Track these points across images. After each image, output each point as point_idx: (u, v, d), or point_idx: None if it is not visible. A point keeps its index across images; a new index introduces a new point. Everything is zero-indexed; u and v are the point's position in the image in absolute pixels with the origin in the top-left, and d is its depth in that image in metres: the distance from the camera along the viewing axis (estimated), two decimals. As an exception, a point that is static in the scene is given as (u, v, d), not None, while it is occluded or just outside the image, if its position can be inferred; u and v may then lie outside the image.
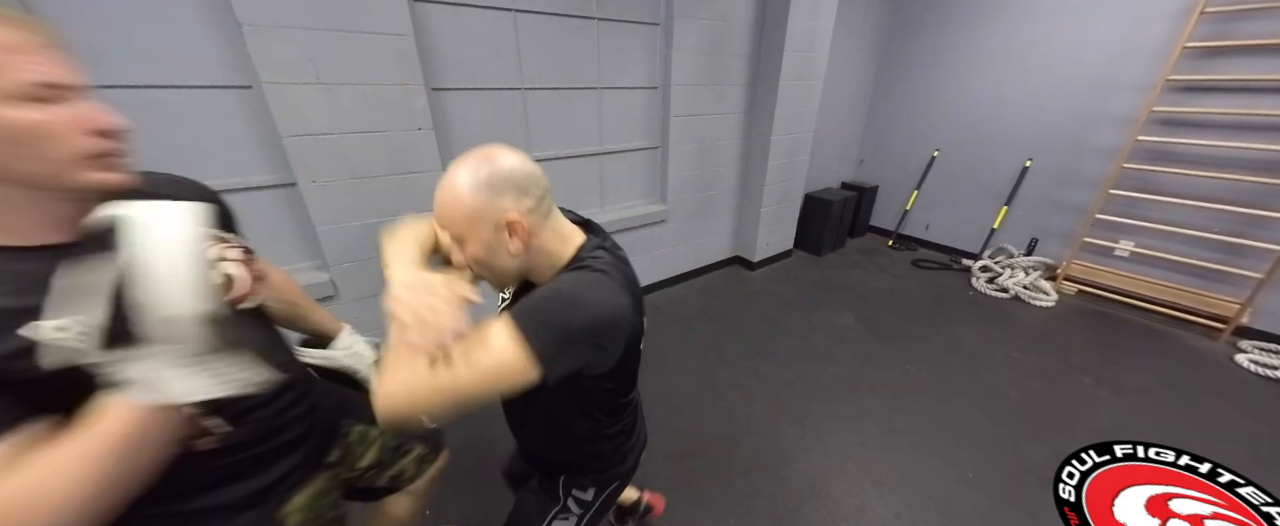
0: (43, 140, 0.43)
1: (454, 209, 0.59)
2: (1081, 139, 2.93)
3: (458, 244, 0.62)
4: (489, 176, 0.58)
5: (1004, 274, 3.13)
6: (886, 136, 3.97)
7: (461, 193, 0.58)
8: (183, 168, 1.55)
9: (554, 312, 0.56)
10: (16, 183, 0.44)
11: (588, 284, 0.59)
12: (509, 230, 0.60)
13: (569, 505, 0.86)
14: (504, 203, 0.58)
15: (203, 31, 1.40)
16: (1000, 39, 3.13)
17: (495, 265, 0.63)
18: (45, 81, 0.42)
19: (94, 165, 0.47)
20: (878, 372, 2.25)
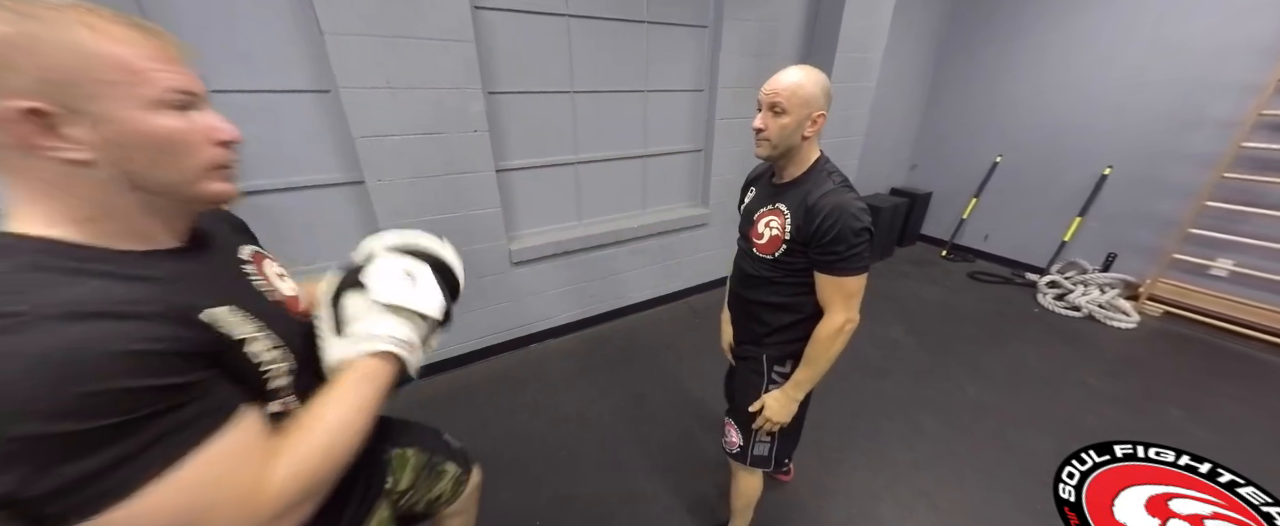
0: (181, 149, 0.43)
1: (797, 89, 0.87)
2: (1172, 145, 2.66)
3: (774, 112, 0.89)
4: (827, 85, 0.89)
5: (1076, 291, 2.88)
6: (942, 140, 3.76)
7: (806, 82, 0.87)
8: (270, 167, 1.69)
9: (858, 246, 0.88)
10: (147, 190, 0.43)
11: (851, 210, 0.87)
12: (814, 121, 0.89)
13: (774, 377, 1.10)
14: (823, 102, 0.89)
15: (290, 40, 1.52)
16: (1077, 35, 2.90)
17: (789, 135, 0.90)
18: (183, 90, 0.43)
19: (215, 175, 0.47)
20: (934, 390, 2.12)
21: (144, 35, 0.42)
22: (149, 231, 0.46)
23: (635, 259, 2.65)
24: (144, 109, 0.40)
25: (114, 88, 0.39)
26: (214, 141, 0.46)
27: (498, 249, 2.14)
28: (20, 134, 0.37)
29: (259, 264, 0.61)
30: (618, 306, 2.73)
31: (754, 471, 1.22)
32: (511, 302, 2.32)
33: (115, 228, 0.43)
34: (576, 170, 2.33)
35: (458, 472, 0.97)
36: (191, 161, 0.45)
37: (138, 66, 0.40)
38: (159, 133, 0.41)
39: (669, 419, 1.94)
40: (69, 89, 0.37)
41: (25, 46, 0.36)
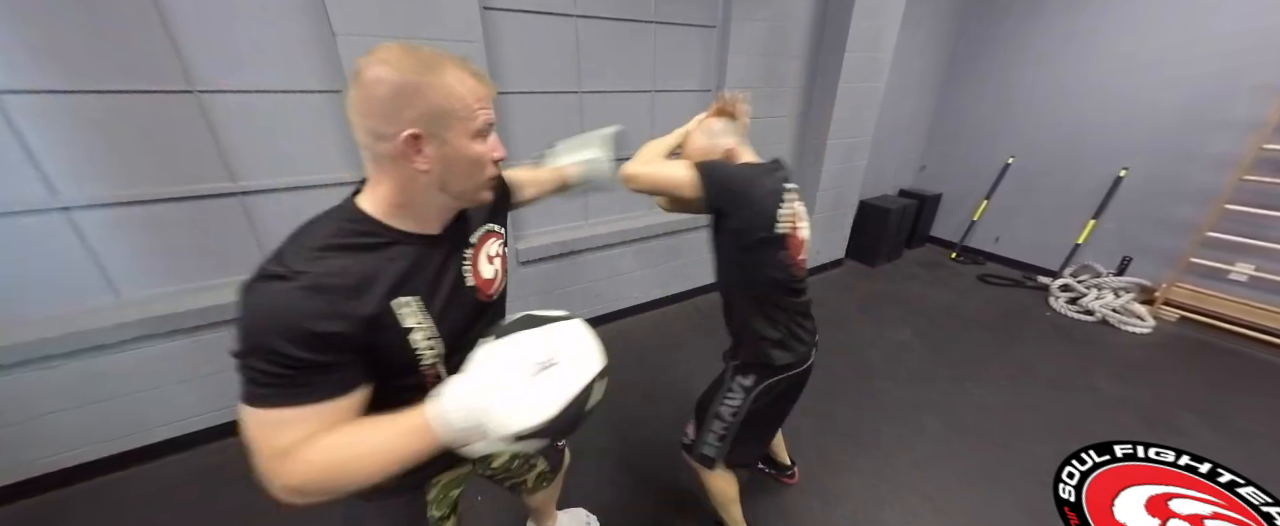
0: (480, 167, 0.58)
1: (698, 149, 1.03)
2: (1190, 146, 2.60)
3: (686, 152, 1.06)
4: (712, 126, 1.05)
5: (1089, 295, 2.84)
6: (953, 141, 3.72)
7: (699, 139, 1.04)
8: (280, 164, 1.71)
9: (712, 164, 0.96)
10: (452, 194, 0.59)
11: (740, 166, 0.98)
12: (727, 155, 1.01)
13: (734, 386, 1.10)
14: (721, 141, 1.02)
15: (303, 41, 1.55)
16: (1093, 33, 2.85)
17: None
18: (490, 123, 0.57)
19: (489, 185, 0.62)
20: (939, 393, 2.10)
21: (479, 82, 0.56)
22: (429, 221, 0.61)
23: (641, 259, 2.65)
24: (470, 137, 0.55)
25: (460, 121, 0.54)
26: (494, 159, 0.60)
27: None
28: (403, 149, 0.52)
29: (481, 246, 0.71)
30: (624, 307, 2.74)
31: (710, 471, 1.21)
32: (517, 303, 2.33)
33: (411, 215, 0.58)
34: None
35: (545, 469, 1.05)
36: (482, 175, 0.60)
37: (473, 106, 0.54)
38: (473, 154, 0.56)
39: (675, 420, 1.94)
40: (438, 120, 0.52)
41: (425, 90, 0.51)
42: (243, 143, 1.58)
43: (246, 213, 1.67)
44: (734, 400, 1.10)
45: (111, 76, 1.36)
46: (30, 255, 1.41)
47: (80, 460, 1.60)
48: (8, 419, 1.47)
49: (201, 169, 1.55)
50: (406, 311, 0.57)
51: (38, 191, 1.36)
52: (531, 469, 1.02)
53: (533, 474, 1.03)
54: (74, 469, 1.60)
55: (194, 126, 1.50)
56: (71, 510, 1.52)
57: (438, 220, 0.62)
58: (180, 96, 1.45)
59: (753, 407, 1.10)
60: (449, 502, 0.84)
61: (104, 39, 1.32)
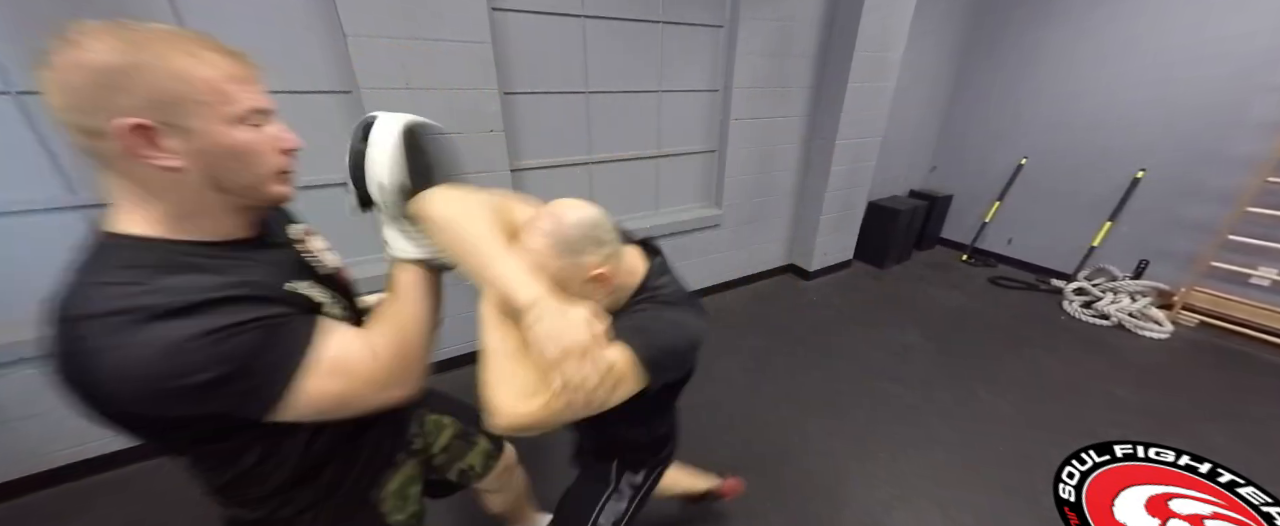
0: (254, 157, 0.51)
1: (546, 268, 0.61)
2: (1211, 147, 2.54)
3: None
4: (566, 240, 0.61)
5: (1104, 298, 2.78)
6: (964, 142, 3.67)
7: (546, 261, 0.61)
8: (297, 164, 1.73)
9: (660, 334, 0.64)
10: (230, 192, 0.51)
11: (679, 310, 0.68)
12: (597, 281, 0.63)
13: (622, 487, 0.96)
14: (588, 260, 0.62)
15: (315, 42, 1.57)
16: (1109, 30, 2.79)
17: (593, 297, 0.67)
18: (258, 108, 0.50)
19: (279, 179, 0.55)
20: (949, 397, 2.07)
21: (230, 60, 0.49)
22: (230, 227, 0.54)
23: (647, 259, 2.64)
24: (227, 124, 0.48)
25: (205, 107, 0.46)
26: (279, 150, 0.54)
27: (511, 247, 2.17)
28: (128, 145, 0.44)
29: (308, 240, 0.70)
30: (629, 306, 2.74)
31: None
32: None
33: (204, 224, 0.51)
34: (590, 170, 2.34)
35: (489, 448, 1.02)
36: (262, 167, 0.52)
37: (225, 89, 0.47)
38: (237, 144, 0.49)
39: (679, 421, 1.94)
40: (170, 108, 0.44)
41: (138, 73, 0.43)
42: (256, 142, 1.61)
43: (259, 211, 1.70)
44: (620, 504, 0.93)
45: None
46: (52, 253, 1.44)
47: (104, 450, 1.64)
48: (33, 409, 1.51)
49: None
50: (311, 291, 0.58)
51: (56, 190, 1.40)
52: (472, 446, 0.97)
53: (476, 452, 0.97)
54: (99, 458, 1.64)
55: (209, 126, 1.53)
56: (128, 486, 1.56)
57: (246, 225, 0.56)
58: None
59: (640, 505, 0.96)
60: (412, 500, 0.81)
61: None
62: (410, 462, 0.83)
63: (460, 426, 0.98)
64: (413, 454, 0.84)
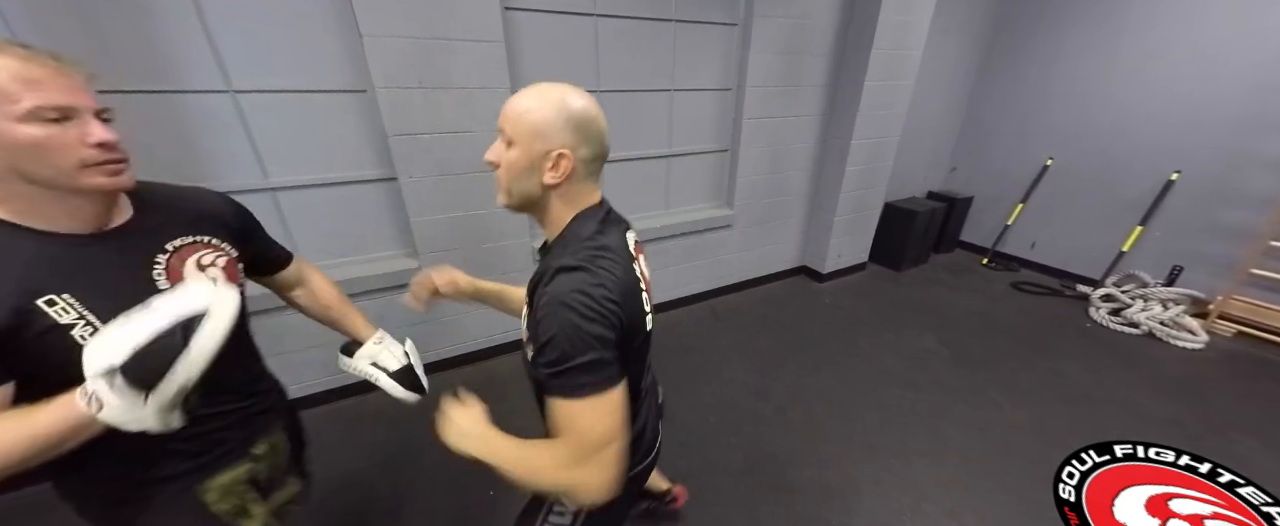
0: (46, 152, 0.54)
1: (526, 115, 0.62)
2: (1250, 149, 2.41)
3: (505, 144, 0.65)
4: (572, 110, 0.62)
5: (1134, 306, 2.67)
6: (986, 142, 3.56)
7: (546, 108, 0.62)
8: (309, 162, 1.77)
9: (571, 349, 0.57)
10: (37, 183, 0.56)
11: (567, 301, 0.58)
12: (553, 164, 0.63)
13: (552, 516, 0.85)
14: (567, 137, 0.62)
15: (332, 43, 1.60)
16: (1141, 24, 2.67)
17: (521, 180, 0.65)
18: (49, 106, 0.53)
19: (93, 171, 0.58)
20: (966, 405, 2.01)
21: (22, 64, 0.53)
22: (53, 217, 0.59)
23: (656, 259, 2.63)
24: (14, 121, 0.52)
25: None
26: (88, 144, 0.56)
27: (522, 246, 2.18)
28: None
29: (185, 254, 0.70)
30: (638, 306, 2.73)
31: None
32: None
33: (20, 208, 0.58)
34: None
35: (295, 494, 0.95)
36: (62, 161, 0.55)
37: (7, 90, 0.51)
38: (25, 139, 0.53)
39: (688, 421, 1.92)
40: None
41: None
42: (275, 140, 1.65)
43: (278, 207, 1.74)
44: (562, 519, 0.84)
45: (158, 78, 1.44)
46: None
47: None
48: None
49: (237, 165, 1.62)
50: (57, 309, 0.57)
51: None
52: (283, 486, 0.92)
53: (280, 494, 0.91)
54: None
55: (231, 124, 1.57)
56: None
57: (74, 216, 0.60)
58: (218, 96, 1.52)
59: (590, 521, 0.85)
60: (236, 496, 0.80)
61: (153, 43, 1.40)
62: (243, 465, 0.81)
63: (286, 457, 0.92)
64: (252, 458, 0.82)
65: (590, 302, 0.58)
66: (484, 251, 2.10)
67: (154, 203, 0.71)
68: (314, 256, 1.87)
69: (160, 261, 0.67)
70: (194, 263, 0.71)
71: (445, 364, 2.26)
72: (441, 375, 2.22)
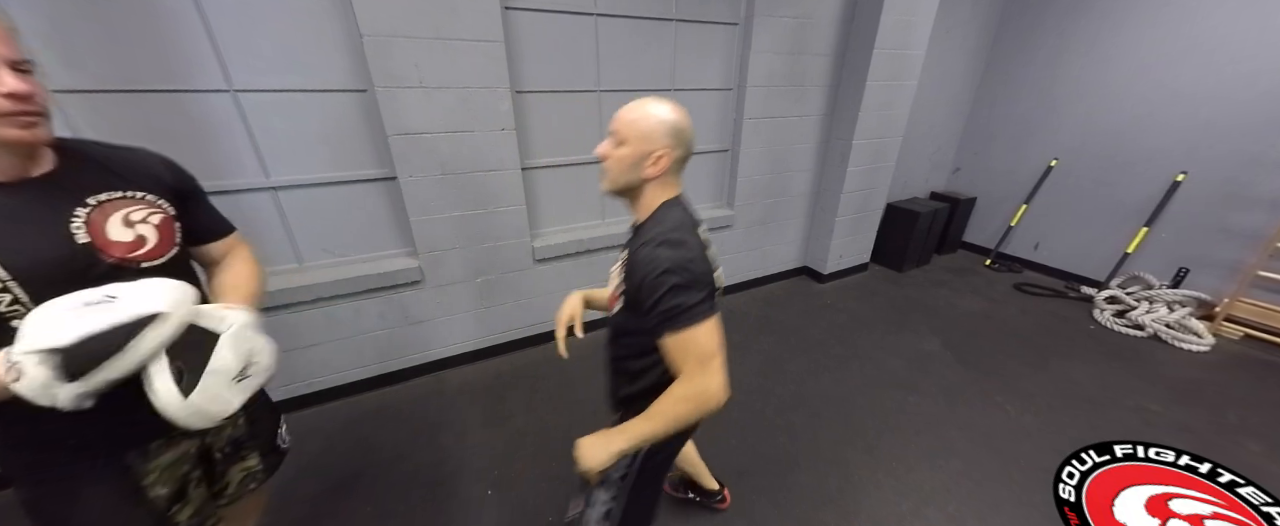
0: None
1: (638, 122, 0.81)
2: (1258, 150, 2.38)
3: (616, 143, 0.83)
4: (675, 121, 0.81)
5: (1139, 308, 2.64)
6: (990, 142, 3.54)
7: (651, 116, 0.80)
8: (309, 161, 1.77)
9: (682, 296, 0.74)
10: None
11: (673, 266, 0.75)
12: (654, 162, 0.81)
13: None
14: (667, 142, 0.81)
15: (332, 43, 1.60)
16: (1147, 24, 2.65)
17: (627, 172, 0.83)
18: None
19: (4, 122, 0.57)
20: (969, 408, 1.99)
21: None
22: None
23: (657, 259, 2.63)
24: None
25: None
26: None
27: (521, 246, 2.18)
28: None
29: (110, 208, 0.69)
30: (639, 306, 2.72)
31: None
32: (534, 299, 2.35)
33: None
34: (601, 169, 2.34)
35: (256, 469, 0.94)
36: None
37: None
38: None
39: (685, 422, 1.91)
40: None
41: None
42: (276, 139, 1.65)
43: (279, 207, 1.74)
44: (619, 466, 0.95)
45: (161, 77, 1.44)
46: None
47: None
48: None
49: (239, 164, 1.63)
50: None
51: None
52: (242, 460, 0.91)
53: (237, 468, 0.91)
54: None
55: (232, 124, 1.57)
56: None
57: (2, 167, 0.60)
58: (219, 95, 1.53)
59: (642, 467, 0.96)
60: (177, 479, 0.79)
61: (154, 43, 1.40)
62: (188, 441, 0.80)
63: (241, 431, 0.90)
64: (191, 435, 0.80)
65: (691, 265, 0.76)
66: (483, 251, 2.10)
67: (82, 158, 0.70)
68: (314, 256, 1.88)
69: (80, 214, 0.66)
70: (120, 218, 0.69)
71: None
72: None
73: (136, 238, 0.70)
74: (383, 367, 2.10)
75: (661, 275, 0.74)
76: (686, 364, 0.76)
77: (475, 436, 1.84)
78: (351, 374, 2.04)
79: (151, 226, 0.72)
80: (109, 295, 0.59)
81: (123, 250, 0.69)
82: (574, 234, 2.35)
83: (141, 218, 0.71)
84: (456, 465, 1.70)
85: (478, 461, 1.71)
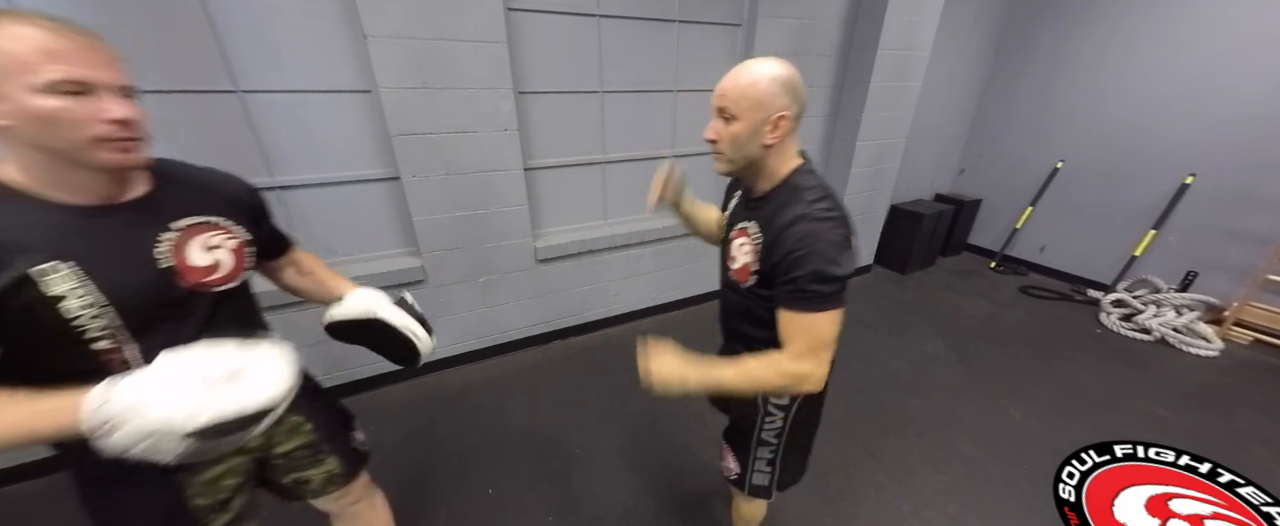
0: (61, 124, 0.55)
1: (748, 89, 0.73)
2: (1269, 153, 2.35)
3: (724, 119, 0.77)
4: (787, 77, 0.73)
5: (1146, 312, 2.61)
6: (996, 144, 3.51)
7: (759, 79, 0.73)
8: (317, 161, 1.79)
9: (823, 279, 0.72)
10: (49, 152, 0.57)
11: (822, 246, 0.73)
12: (774, 124, 0.75)
13: (770, 409, 0.99)
14: (783, 101, 0.74)
15: (337, 44, 1.62)
16: (1157, 28, 2.62)
17: (745, 146, 0.77)
18: (67, 79, 0.54)
19: (105, 147, 0.58)
20: (973, 411, 1.98)
21: (50, 36, 0.53)
22: (62, 186, 0.60)
23: (660, 260, 2.63)
24: (32, 92, 0.53)
25: (11, 76, 0.52)
26: (102, 120, 0.57)
27: (524, 246, 2.19)
28: None
29: (191, 233, 0.70)
30: (641, 307, 2.73)
31: (768, 500, 1.13)
32: (536, 299, 2.36)
33: (38, 178, 0.59)
34: (603, 170, 2.34)
35: (336, 471, 0.95)
36: (76, 134, 0.56)
37: (28, 61, 0.52)
38: (41, 110, 0.54)
39: (688, 421, 1.91)
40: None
41: None
42: (281, 139, 1.67)
43: (283, 206, 1.75)
44: (774, 423, 1.01)
45: (167, 78, 1.46)
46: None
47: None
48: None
49: (243, 164, 1.65)
50: (53, 278, 0.57)
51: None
52: (319, 463, 0.93)
53: (319, 469, 0.93)
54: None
55: (238, 124, 1.59)
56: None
57: (85, 189, 0.61)
58: (225, 96, 1.55)
59: (795, 420, 1.02)
60: (221, 491, 0.79)
61: (160, 43, 1.42)
62: (239, 458, 0.81)
63: (315, 438, 0.91)
64: (245, 450, 0.82)
65: (844, 257, 0.73)
66: (486, 250, 2.11)
67: (170, 181, 0.71)
68: (318, 254, 1.89)
69: (164, 239, 0.67)
70: (201, 243, 0.70)
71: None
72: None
73: (213, 262, 0.72)
74: (383, 367, 2.12)
75: (812, 255, 0.71)
76: (797, 344, 0.75)
77: (472, 438, 1.85)
78: (352, 373, 2.06)
79: (227, 251, 0.74)
80: (234, 370, 0.58)
81: (199, 275, 0.70)
82: (576, 234, 2.36)
83: (219, 243, 0.73)
84: (457, 467, 1.71)
85: (476, 464, 1.72)
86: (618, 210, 2.48)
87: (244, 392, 0.57)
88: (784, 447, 1.03)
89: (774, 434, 1.01)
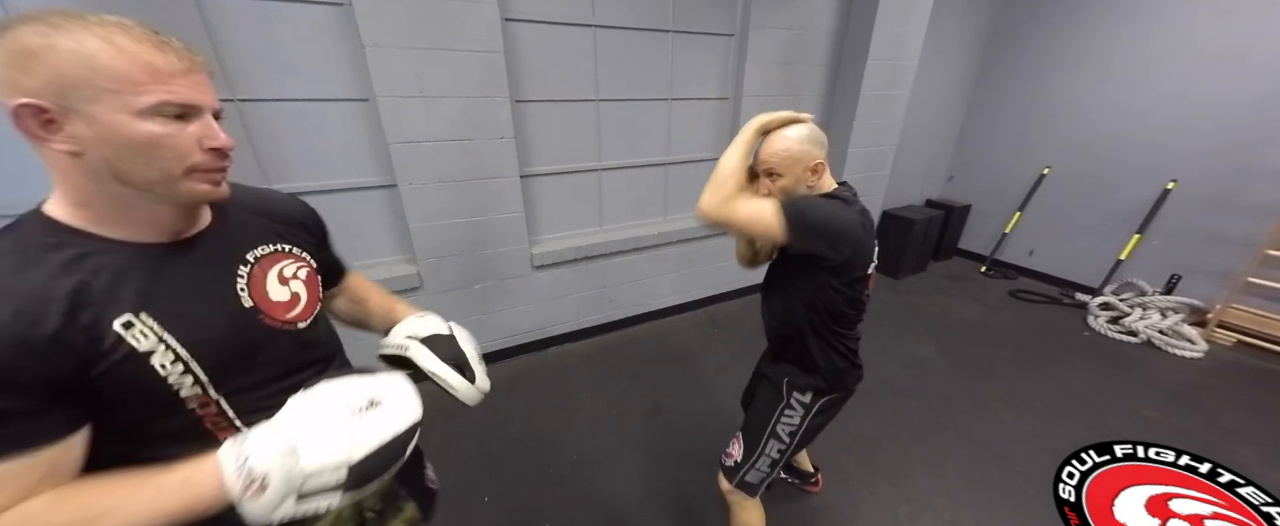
0: (160, 152, 0.47)
1: (785, 152, 0.92)
2: (1247, 158, 2.43)
3: (770, 177, 0.95)
4: (810, 134, 0.92)
5: (1132, 314, 2.66)
6: (983, 150, 3.58)
7: (792, 142, 0.92)
8: (314, 168, 1.80)
9: (803, 206, 0.88)
10: (130, 185, 0.48)
11: (830, 201, 0.92)
12: (813, 171, 0.94)
13: (793, 403, 1.08)
14: (815, 151, 0.93)
15: (334, 53, 1.63)
16: (1136, 38, 2.71)
17: (793, 193, 0.95)
18: (176, 102, 0.47)
19: (197, 177, 0.51)
20: (966, 415, 2.00)
21: (153, 51, 0.46)
22: (141, 225, 0.51)
23: (655, 266, 2.64)
24: (131, 114, 0.45)
25: (109, 94, 0.44)
26: (203, 148, 0.50)
27: (520, 252, 2.19)
28: (26, 125, 0.44)
29: (267, 265, 0.62)
30: (637, 313, 2.74)
31: (746, 504, 1.17)
32: (532, 305, 2.36)
33: (101, 215, 0.49)
34: (599, 177, 2.36)
35: (414, 517, 0.88)
36: (171, 164, 0.48)
37: (134, 79, 0.45)
38: (140, 136, 0.46)
39: (684, 427, 1.92)
40: (71, 92, 0.43)
41: (43, 55, 0.42)
42: (277, 147, 1.67)
43: (278, 214, 1.75)
44: (793, 419, 1.08)
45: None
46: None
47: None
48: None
49: (241, 172, 1.64)
50: (135, 333, 0.48)
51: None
52: (398, 511, 0.85)
53: (398, 519, 0.85)
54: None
55: (234, 132, 1.59)
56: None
57: (157, 225, 0.52)
58: (222, 105, 1.55)
59: (808, 425, 1.09)
60: None
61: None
62: (333, 512, 0.72)
63: (394, 484, 0.84)
64: (364, 520, 0.77)
65: (831, 208, 0.90)
66: (482, 257, 2.11)
67: (235, 207, 0.62)
68: (314, 262, 1.89)
69: (243, 273, 0.59)
70: (276, 274, 0.63)
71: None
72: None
73: (292, 296, 0.64)
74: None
75: (842, 222, 0.89)
76: (741, 211, 0.89)
77: (469, 446, 1.84)
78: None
79: (301, 282, 0.66)
80: (371, 398, 0.54)
81: (282, 311, 0.62)
82: (572, 241, 2.37)
83: (293, 273, 0.65)
84: (454, 475, 1.70)
85: (473, 472, 1.71)
86: (613, 216, 2.50)
87: (389, 417, 0.53)
88: (793, 445, 1.09)
89: (789, 431, 1.09)
